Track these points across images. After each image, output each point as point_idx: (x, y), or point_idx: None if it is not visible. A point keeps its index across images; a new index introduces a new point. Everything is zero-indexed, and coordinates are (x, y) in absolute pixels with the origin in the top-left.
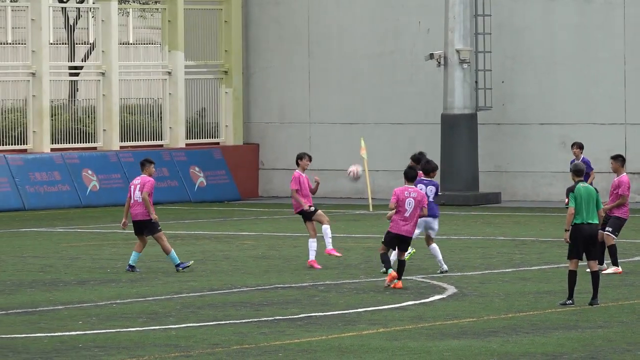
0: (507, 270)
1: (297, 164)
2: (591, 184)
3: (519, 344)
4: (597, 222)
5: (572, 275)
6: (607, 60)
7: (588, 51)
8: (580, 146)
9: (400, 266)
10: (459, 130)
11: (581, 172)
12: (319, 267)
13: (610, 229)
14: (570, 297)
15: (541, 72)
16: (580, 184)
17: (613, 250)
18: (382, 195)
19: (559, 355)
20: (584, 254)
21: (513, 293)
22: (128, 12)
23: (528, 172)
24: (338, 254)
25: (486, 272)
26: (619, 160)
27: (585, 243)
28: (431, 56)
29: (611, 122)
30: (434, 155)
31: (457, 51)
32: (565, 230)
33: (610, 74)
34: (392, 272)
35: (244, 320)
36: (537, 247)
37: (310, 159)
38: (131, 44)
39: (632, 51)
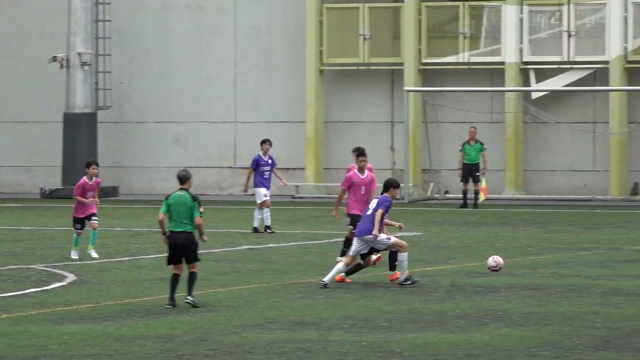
0: (124, 259)
1: None
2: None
3: (134, 327)
4: (190, 231)
5: (174, 279)
6: (219, 64)
7: (201, 55)
8: (267, 142)
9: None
10: (80, 128)
11: (182, 179)
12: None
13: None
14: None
15: (158, 75)
16: (177, 192)
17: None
18: (7, 190)
19: (170, 338)
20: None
21: (129, 280)
22: None
23: (144, 167)
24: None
25: (105, 260)
26: None
27: (181, 249)
28: (54, 59)
29: (222, 121)
30: (58, 152)
31: (79, 54)
32: (163, 234)
33: (222, 76)
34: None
35: None
36: (151, 237)
37: None
38: None
39: (242, 55)
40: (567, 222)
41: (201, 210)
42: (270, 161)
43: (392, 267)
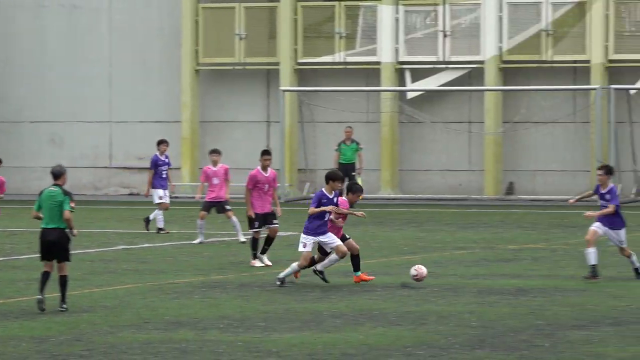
0: None
1: None
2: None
3: (9, 328)
4: (63, 227)
5: (45, 276)
6: (94, 63)
7: (76, 55)
8: (164, 142)
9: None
10: None
11: (55, 174)
12: None
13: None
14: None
15: (33, 75)
16: (49, 188)
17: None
18: None
19: (45, 339)
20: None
21: (3, 280)
22: None
23: (21, 167)
24: None
25: None
26: None
27: (53, 246)
28: None
29: (98, 121)
30: None
31: None
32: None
33: (97, 76)
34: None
35: None
36: (26, 237)
37: None
38: None
39: (118, 54)
40: (443, 221)
41: (72, 205)
42: (167, 160)
43: (357, 268)
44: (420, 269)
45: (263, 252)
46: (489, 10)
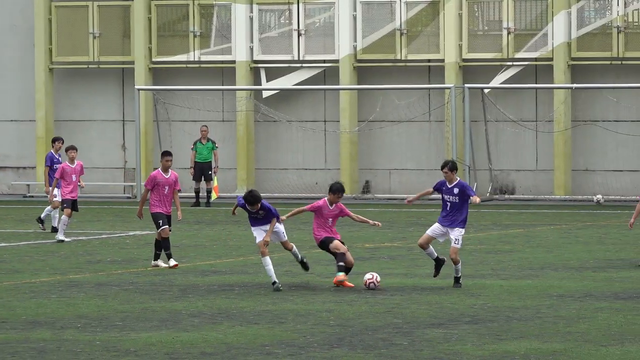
0: None
1: None
2: None
3: None
4: None
5: None
6: None
7: None
8: (59, 140)
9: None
10: None
11: None
12: None
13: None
14: None
15: None
16: None
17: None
18: None
19: None
20: None
21: None
22: None
23: None
24: None
25: None
26: None
27: None
28: None
29: None
30: None
31: None
32: None
33: None
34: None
35: None
36: None
37: None
38: None
39: None
40: (300, 220)
41: None
42: (60, 159)
43: (340, 269)
44: (373, 277)
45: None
46: (343, 9)
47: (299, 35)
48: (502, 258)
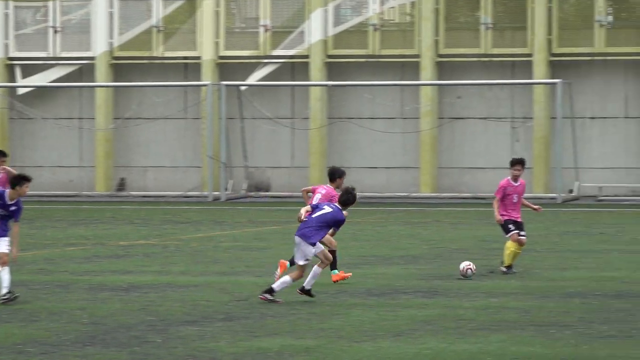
0: None
1: None
2: None
3: None
4: None
5: None
6: None
7: None
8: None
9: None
10: None
11: None
12: None
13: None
14: None
15: None
16: None
17: None
18: None
19: None
20: None
21: None
22: None
23: None
24: None
25: None
26: None
27: None
28: None
29: None
30: None
31: None
32: None
33: None
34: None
35: None
36: None
37: None
38: None
39: None
40: (54, 217)
41: None
42: None
43: (334, 267)
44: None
45: None
46: (100, 6)
47: (55, 32)
48: (257, 255)
